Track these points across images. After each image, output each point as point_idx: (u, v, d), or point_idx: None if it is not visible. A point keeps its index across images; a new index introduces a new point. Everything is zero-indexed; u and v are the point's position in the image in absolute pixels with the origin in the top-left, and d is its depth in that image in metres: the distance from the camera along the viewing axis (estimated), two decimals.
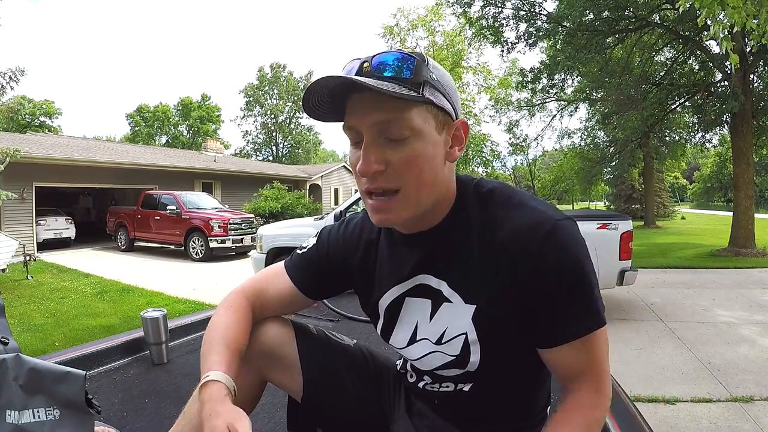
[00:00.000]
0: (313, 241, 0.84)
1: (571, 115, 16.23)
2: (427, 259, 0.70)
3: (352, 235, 0.80)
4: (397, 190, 0.61)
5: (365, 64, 0.60)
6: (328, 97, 0.62)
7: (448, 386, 0.74)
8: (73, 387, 0.80)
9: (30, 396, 0.79)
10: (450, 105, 0.63)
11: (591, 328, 0.63)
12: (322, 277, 0.81)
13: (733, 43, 4.26)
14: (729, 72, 9.82)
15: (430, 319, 0.71)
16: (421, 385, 0.77)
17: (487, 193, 0.68)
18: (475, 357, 0.68)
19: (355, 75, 0.60)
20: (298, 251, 0.85)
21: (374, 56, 0.61)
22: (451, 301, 0.68)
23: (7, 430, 0.77)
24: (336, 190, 23.20)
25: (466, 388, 0.72)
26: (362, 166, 0.61)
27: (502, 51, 12.63)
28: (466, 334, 0.67)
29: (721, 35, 4.11)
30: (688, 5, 4.05)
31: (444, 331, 0.69)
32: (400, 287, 0.74)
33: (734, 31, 4.56)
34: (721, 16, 4.08)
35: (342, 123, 0.65)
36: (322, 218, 6.02)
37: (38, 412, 0.78)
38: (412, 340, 0.73)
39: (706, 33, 4.38)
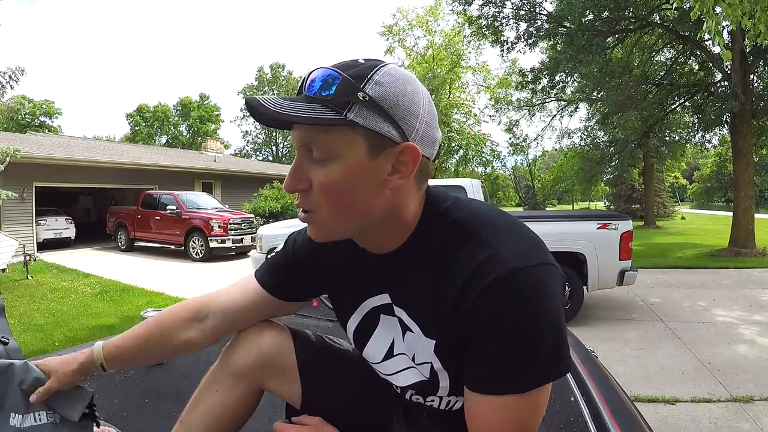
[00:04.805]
0: (281, 245, 0.83)
1: (571, 115, 16.26)
2: (390, 282, 0.68)
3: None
4: (314, 210, 0.60)
5: (305, 80, 0.58)
6: None
7: (433, 401, 0.72)
8: (77, 405, 0.83)
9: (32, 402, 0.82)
10: (394, 127, 0.56)
11: (513, 390, 0.56)
12: (289, 275, 0.78)
13: (728, 41, 4.25)
14: (729, 72, 9.83)
15: (403, 339, 0.69)
16: (407, 396, 0.76)
17: (452, 224, 0.61)
18: (444, 383, 0.66)
19: (297, 91, 0.59)
20: (267, 257, 0.85)
21: (312, 72, 0.58)
22: (413, 331, 0.66)
23: None
24: None
25: (457, 405, 0.71)
26: (285, 181, 0.60)
27: (502, 51, 12.65)
28: (431, 363, 0.66)
29: (714, 30, 4.09)
30: (686, 6, 4.05)
31: (414, 355, 0.68)
32: (370, 303, 0.72)
33: (731, 29, 4.56)
34: (717, 11, 4.06)
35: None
36: None
37: (39, 415, 0.81)
38: (389, 354, 0.72)
39: (701, 29, 4.32)
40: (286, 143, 42.72)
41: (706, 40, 9.81)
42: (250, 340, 0.78)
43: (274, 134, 42.21)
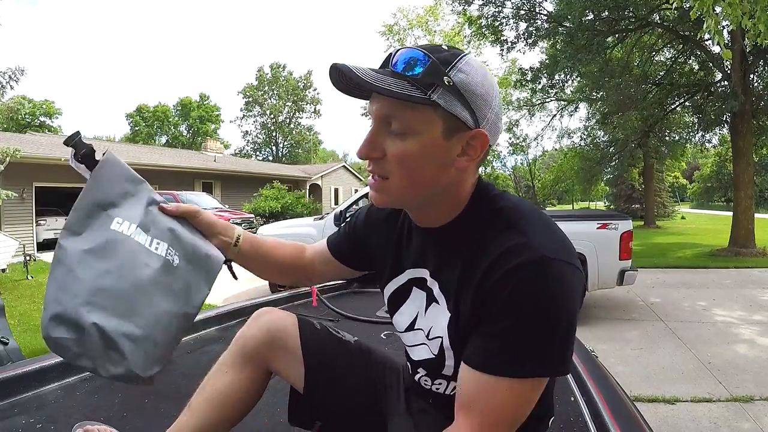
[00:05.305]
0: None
1: (571, 115, 16.23)
2: (429, 256, 0.72)
3: (378, 216, 0.84)
4: (387, 177, 0.64)
5: (392, 56, 0.62)
6: None
7: (440, 384, 0.74)
8: (211, 258, 0.82)
9: (156, 223, 0.75)
10: (470, 113, 0.60)
11: (514, 373, 0.56)
12: (349, 245, 0.90)
13: (728, 40, 4.25)
14: (729, 72, 9.82)
15: (425, 313, 0.73)
16: (417, 377, 0.79)
17: (497, 211, 0.65)
18: (449, 362, 0.68)
19: (381, 66, 0.63)
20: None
21: (400, 49, 0.62)
22: (438, 303, 0.69)
23: (106, 236, 0.69)
24: (336, 190, 23.21)
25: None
26: (360, 148, 0.65)
27: (502, 50, 12.65)
28: (442, 338, 0.68)
29: (714, 30, 4.09)
30: (686, 5, 4.04)
31: (430, 329, 0.71)
32: (407, 274, 0.76)
33: (731, 29, 4.55)
34: (717, 10, 4.06)
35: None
36: (322, 218, 6.02)
37: (158, 243, 0.72)
38: (411, 327, 0.76)
39: (701, 29, 4.32)
40: (285, 143, 42.71)
41: (706, 40, 9.80)
42: (260, 322, 0.85)
43: (274, 134, 42.19)
